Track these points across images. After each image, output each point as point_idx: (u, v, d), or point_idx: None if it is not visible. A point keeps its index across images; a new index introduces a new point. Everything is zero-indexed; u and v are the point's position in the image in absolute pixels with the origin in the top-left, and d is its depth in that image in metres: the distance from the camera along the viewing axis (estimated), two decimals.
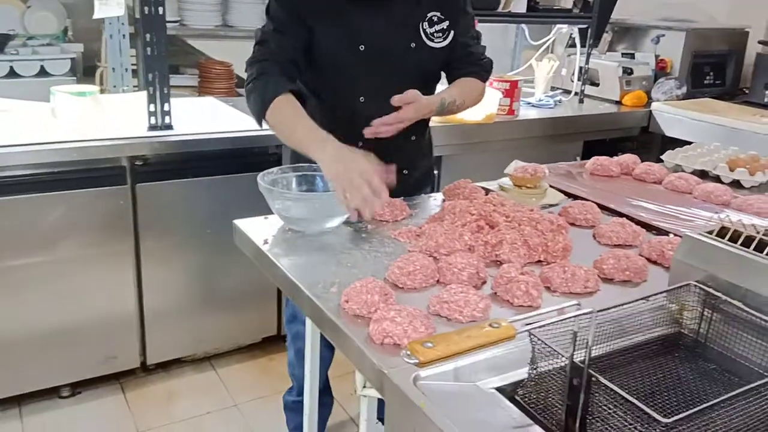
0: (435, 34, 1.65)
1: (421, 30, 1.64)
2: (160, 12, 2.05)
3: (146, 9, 2.03)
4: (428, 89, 1.68)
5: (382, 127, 1.51)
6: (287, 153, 1.77)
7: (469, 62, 1.74)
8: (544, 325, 0.87)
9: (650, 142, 3.31)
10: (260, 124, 1.54)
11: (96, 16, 1.99)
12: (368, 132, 1.51)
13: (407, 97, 1.51)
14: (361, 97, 1.63)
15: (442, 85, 1.77)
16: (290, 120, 1.48)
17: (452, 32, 1.67)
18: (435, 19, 1.65)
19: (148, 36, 2.05)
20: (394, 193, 1.42)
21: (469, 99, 1.74)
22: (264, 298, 2.44)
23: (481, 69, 1.76)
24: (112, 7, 1.96)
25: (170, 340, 2.35)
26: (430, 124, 1.85)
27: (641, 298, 1.08)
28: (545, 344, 0.87)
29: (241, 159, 2.25)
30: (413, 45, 1.63)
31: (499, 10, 2.87)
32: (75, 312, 2.13)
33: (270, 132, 1.57)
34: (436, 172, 2.68)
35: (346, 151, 1.37)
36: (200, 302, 2.35)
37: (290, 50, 1.57)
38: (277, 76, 1.53)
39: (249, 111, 1.57)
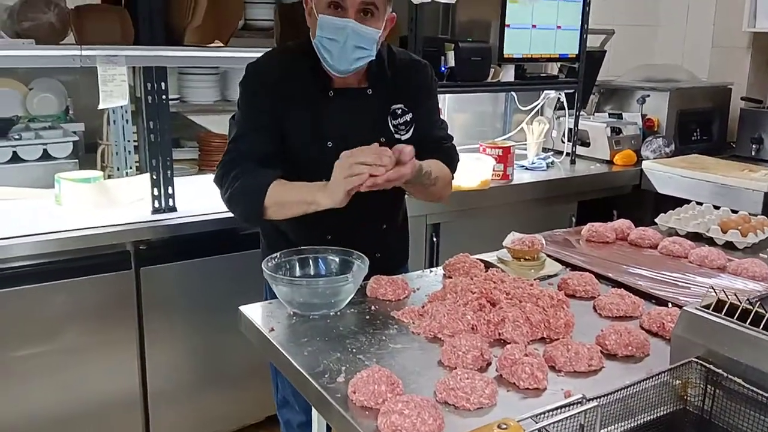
0: (400, 126, 1.66)
1: (389, 124, 1.65)
2: (164, 99, 2.12)
3: (150, 98, 2.10)
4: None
5: (380, 179, 1.42)
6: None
7: (435, 149, 1.71)
8: (551, 423, 0.89)
9: (644, 199, 3.37)
10: (257, 222, 1.57)
11: (101, 106, 2.06)
12: (368, 183, 1.42)
13: (407, 153, 1.45)
14: None
15: None
16: (286, 194, 1.53)
17: (415, 124, 1.68)
18: (399, 111, 1.66)
19: (151, 123, 2.12)
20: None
21: (441, 179, 1.69)
22: (267, 377, 2.43)
23: (446, 156, 1.74)
24: (116, 98, 2.03)
25: (175, 422, 2.33)
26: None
27: (644, 379, 1.10)
28: None
29: (244, 237, 2.28)
30: (382, 139, 1.60)
31: (489, 80, 2.97)
32: (78, 399, 2.12)
33: None
34: (435, 239, 2.74)
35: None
36: (204, 383, 2.34)
37: (264, 145, 1.58)
38: (257, 170, 1.55)
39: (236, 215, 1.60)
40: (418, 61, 1.76)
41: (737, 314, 1.17)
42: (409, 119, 1.67)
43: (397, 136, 1.66)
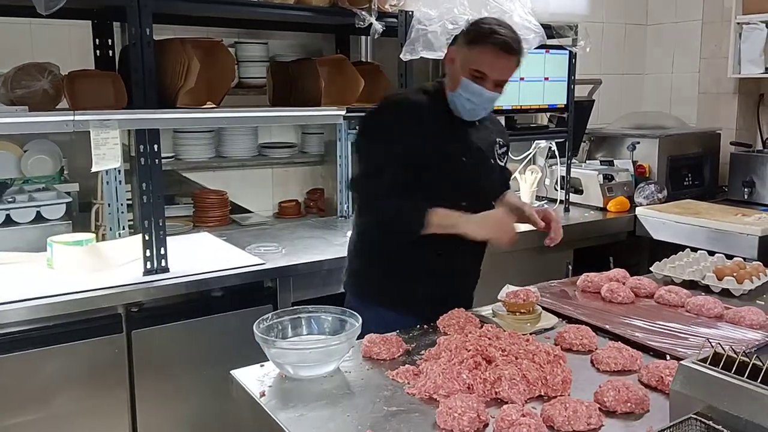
0: (501, 155, 2.02)
1: (495, 151, 1.99)
2: (156, 161, 2.13)
3: (142, 159, 2.12)
4: (496, 199, 2.08)
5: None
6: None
7: (508, 184, 2.19)
8: None
9: (639, 245, 3.36)
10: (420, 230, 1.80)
11: (94, 169, 2.06)
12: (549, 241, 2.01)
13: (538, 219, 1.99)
14: (463, 202, 1.84)
15: None
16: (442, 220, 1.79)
17: (506, 156, 2.08)
18: (501, 143, 2.02)
19: (144, 184, 2.12)
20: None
21: None
22: None
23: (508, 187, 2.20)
24: (109, 161, 2.04)
25: None
26: None
27: None
28: None
29: (237, 295, 2.27)
30: (492, 161, 1.98)
31: None
32: None
33: (265, 266, 1.92)
34: None
35: (486, 215, 1.80)
36: None
37: (398, 181, 1.81)
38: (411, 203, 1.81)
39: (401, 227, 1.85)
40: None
41: (735, 367, 1.15)
42: (505, 151, 2.06)
43: (499, 162, 2.02)
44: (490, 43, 1.77)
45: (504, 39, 1.77)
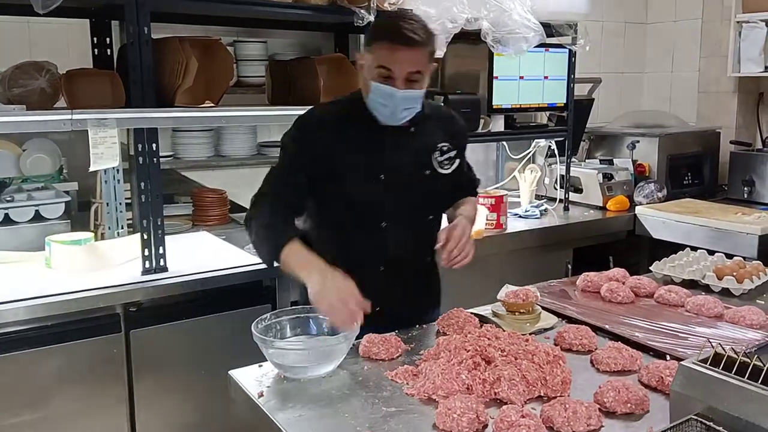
0: (444, 162, 1.83)
1: (433, 159, 1.81)
2: (155, 160, 2.12)
3: (141, 158, 2.11)
4: (439, 211, 1.92)
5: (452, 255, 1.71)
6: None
7: (470, 187, 2.02)
8: None
9: (638, 244, 3.36)
10: (271, 265, 1.68)
11: (92, 168, 2.06)
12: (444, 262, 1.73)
13: (443, 236, 1.73)
14: (383, 223, 1.76)
15: None
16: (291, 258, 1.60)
17: (458, 161, 1.86)
18: (445, 148, 1.83)
19: (142, 184, 2.12)
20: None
21: (475, 212, 1.98)
22: None
23: (474, 190, 2.06)
24: (107, 160, 2.03)
25: None
26: None
27: None
28: None
29: (236, 295, 2.26)
30: (427, 172, 1.80)
31: (479, 131, 2.99)
32: None
33: (263, 266, 1.77)
34: None
35: (329, 275, 1.50)
36: None
37: (295, 188, 1.72)
38: (281, 226, 1.66)
39: (257, 252, 1.73)
40: (455, 112, 1.99)
41: (735, 368, 1.15)
42: (453, 155, 1.85)
43: (439, 170, 1.82)
44: (386, 38, 1.64)
45: (400, 30, 1.62)
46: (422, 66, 1.66)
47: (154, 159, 2.11)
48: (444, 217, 1.94)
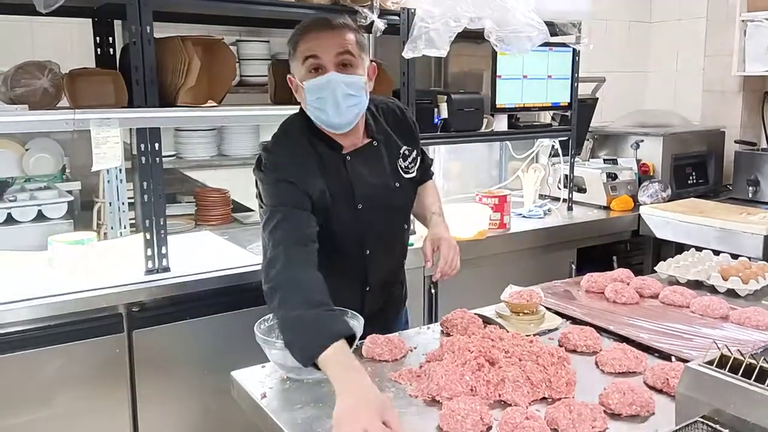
0: (409, 167, 1.78)
1: (398, 167, 1.76)
2: (157, 160, 2.12)
3: (143, 158, 2.10)
4: (410, 214, 1.89)
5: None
6: None
7: (426, 175, 1.96)
8: None
9: (643, 244, 3.35)
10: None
11: (94, 168, 2.05)
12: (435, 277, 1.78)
13: (429, 253, 1.77)
14: (367, 251, 1.72)
15: None
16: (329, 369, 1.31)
17: (418, 159, 1.82)
18: (407, 152, 1.78)
19: (145, 183, 2.11)
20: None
21: (440, 200, 1.98)
22: None
23: (429, 175, 2.00)
24: (109, 159, 2.03)
25: None
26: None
27: None
28: None
29: (238, 295, 2.24)
30: (397, 184, 1.75)
31: (483, 130, 2.98)
32: None
33: None
34: (433, 291, 2.71)
35: (363, 402, 1.20)
36: None
37: (306, 222, 1.58)
38: (312, 322, 1.37)
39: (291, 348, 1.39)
40: (392, 101, 1.87)
41: (742, 369, 1.14)
42: (414, 156, 1.79)
43: (406, 176, 1.77)
44: (304, 31, 1.60)
45: (316, 19, 1.62)
46: (350, 47, 1.58)
47: (157, 158, 2.10)
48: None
